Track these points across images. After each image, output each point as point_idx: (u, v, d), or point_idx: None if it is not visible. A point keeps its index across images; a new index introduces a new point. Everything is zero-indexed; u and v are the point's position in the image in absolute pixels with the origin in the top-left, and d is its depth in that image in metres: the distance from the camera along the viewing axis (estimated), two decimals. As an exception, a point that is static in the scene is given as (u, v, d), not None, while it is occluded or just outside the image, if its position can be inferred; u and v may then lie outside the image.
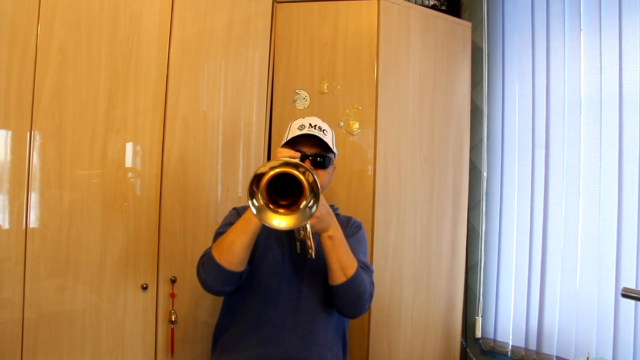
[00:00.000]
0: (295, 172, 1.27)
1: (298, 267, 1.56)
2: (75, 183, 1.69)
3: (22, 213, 1.61)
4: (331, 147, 1.57)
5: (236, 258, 1.42)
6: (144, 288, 1.81)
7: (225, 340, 1.58)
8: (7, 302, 1.59)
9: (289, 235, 1.59)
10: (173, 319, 1.86)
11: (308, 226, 1.38)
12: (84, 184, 1.71)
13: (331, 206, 1.67)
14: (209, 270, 1.46)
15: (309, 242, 1.40)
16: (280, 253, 1.57)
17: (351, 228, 1.65)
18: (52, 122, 1.65)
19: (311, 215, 1.28)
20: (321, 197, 1.35)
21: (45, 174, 1.65)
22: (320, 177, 1.51)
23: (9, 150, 1.59)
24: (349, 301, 1.48)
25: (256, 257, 1.56)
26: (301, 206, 1.28)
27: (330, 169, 1.61)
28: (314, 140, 1.54)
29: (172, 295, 1.86)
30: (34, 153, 1.63)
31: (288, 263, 1.56)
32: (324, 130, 1.57)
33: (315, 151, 1.54)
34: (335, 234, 1.43)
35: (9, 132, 1.59)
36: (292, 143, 1.55)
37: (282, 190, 1.30)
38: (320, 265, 1.52)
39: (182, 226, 1.89)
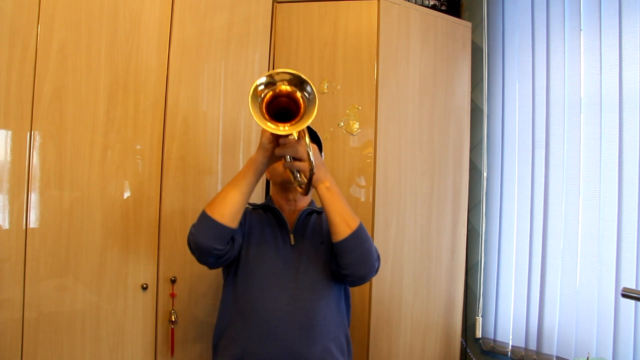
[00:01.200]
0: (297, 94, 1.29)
1: (293, 259, 1.55)
2: (75, 183, 1.70)
3: (22, 213, 1.61)
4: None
5: (228, 210, 1.39)
6: (144, 288, 1.81)
7: (225, 341, 1.55)
8: (7, 302, 1.59)
9: (283, 228, 1.58)
10: (173, 319, 1.86)
11: (311, 155, 1.33)
12: (84, 184, 1.71)
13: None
14: (199, 223, 1.42)
15: (299, 174, 1.38)
16: (274, 246, 1.56)
17: None
18: (52, 122, 1.65)
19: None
20: (315, 147, 1.37)
21: (45, 174, 1.65)
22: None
23: (9, 150, 1.59)
24: (359, 257, 1.42)
25: (250, 252, 1.55)
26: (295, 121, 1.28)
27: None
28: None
29: (172, 295, 1.86)
30: (34, 153, 1.63)
31: (282, 256, 1.55)
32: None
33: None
34: (332, 185, 1.43)
35: (9, 132, 1.59)
36: None
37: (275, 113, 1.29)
38: (316, 255, 1.52)
39: (182, 226, 1.89)
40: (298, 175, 1.45)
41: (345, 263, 1.44)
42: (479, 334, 2.49)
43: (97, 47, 1.72)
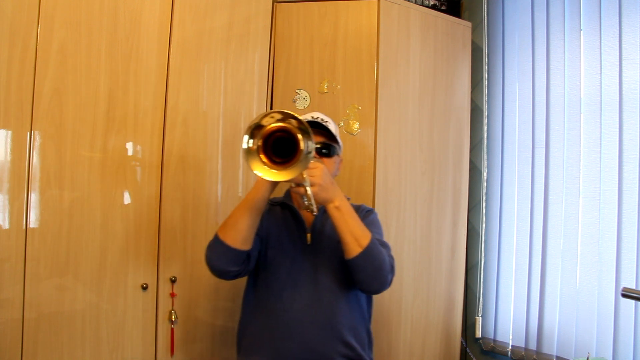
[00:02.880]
0: (293, 130, 1.26)
1: (311, 259, 1.55)
2: (75, 183, 1.69)
3: (22, 213, 1.61)
4: (335, 136, 1.57)
5: (240, 235, 1.42)
6: (144, 288, 1.81)
7: (248, 340, 1.57)
8: (7, 302, 1.59)
9: (300, 227, 1.58)
10: (173, 319, 1.86)
11: (308, 189, 1.34)
12: (84, 184, 1.71)
13: None
14: (213, 248, 1.46)
15: (310, 197, 1.36)
16: (292, 247, 1.56)
17: (361, 213, 1.61)
18: (52, 122, 1.65)
19: (308, 160, 1.26)
20: (324, 167, 1.37)
21: (45, 174, 1.65)
22: (327, 165, 1.52)
23: (9, 150, 1.59)
24: (370, 274, 1.43)
25: (268, 255, 1.56)
26: (291, 162, 1.27)
27: (335, 158, 1.61)
28: (317, 130, 1.53)
29: (172, 295, 1.86)
30: (34, 153, 1.63)
31: (300, 257, 1.55)
32: (326, 122, 1.58)
33: (319, 140, 1.55)
34: (342, 204, 1.41)
35: (9, 132, 1.59)
36: None
37: (278, 150, 1.30)
38: (334, 254, 1.52)
39: (182, 226, 1.89)
40: (305, 197, 1.43)
41: (357, 279, 1.46)
42: (479, 334, 2.49)
43: (97, 47, 1.72)
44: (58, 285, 1.67)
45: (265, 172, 1.30)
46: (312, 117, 1.57)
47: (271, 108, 2.14)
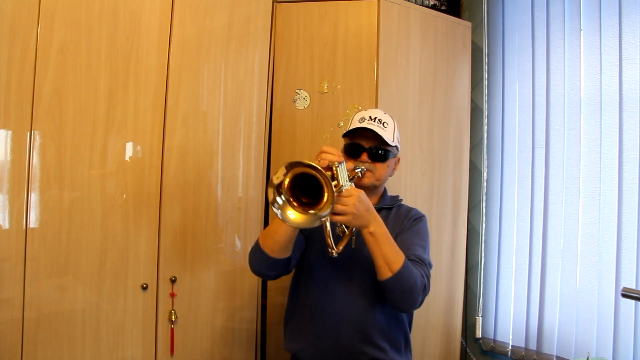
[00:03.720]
0: (318, 176, 1.23)
1: (351, 260, 1.56)
2: (75, 183, 1.69)
3: (22, 213, 1.61)
4: (389, 141, 1.56)
5: (277, 246, 1.44)
6: (144, 288, 1.81)
7: (291, 327, 1.64)
8: (7, 302, 1.58)
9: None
10: (173, 319, 1.86)
11: (328, 225, 1.36)
12: (84, 184, 1.71)
13: (395, 197, 1.69)
14: (253, 253, 1.52)
15: (328, 240, 1.38)
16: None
17: (409, 220, 1.62)
18: (52, 122, 1.65)
19: (321, 220, 1.25)
20: (360, 194, 1.35)
21: (45, 174, 1.65)
22: (379, 170, 1.57)
23: (9, 150, 1.59)
24: (399, 296, 1.45)
25: (312, 255, 1.60)
26: (311, 211, 1.25)
27: (391, 161, 1.62)
28: (373, 133, 1.54)
29: (172, 295, 1.86)
30: (34, 153, 1.62)
31: (342, 260, 1.52)
32: (384, 122, 1.57)
33: (373, 144, 1.55)
34: (376, 229, 1.40)
35: (9, 132, 1.59)
36: (352, 135, 1.58)
37: (307, 188, 1.28)
38: (372, 262, 1.52)
39: (182, 226, 1.89)
40: (338, 226, 1.47)
41: (388, 299, 1.49)
42: (479, 334, 2.49)
43: (97, 47, 1.72)
44: (58, 285, 1.67)
45: (298, 217, 1.27)
46: (370, 118, 1.56)
47: (271, 108, 2.14)
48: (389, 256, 1.42)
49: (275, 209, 1.27)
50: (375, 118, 1.56)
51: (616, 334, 1.94)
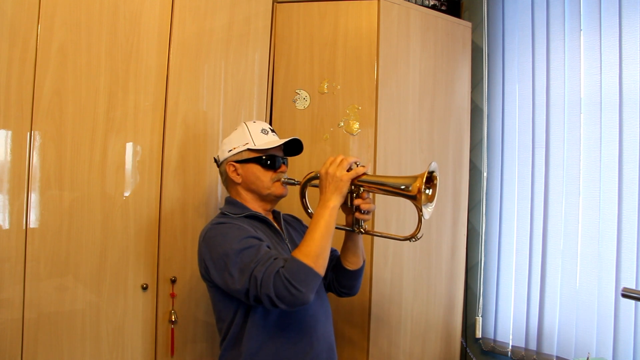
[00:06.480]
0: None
1: None
2: (75, 183, 1.70)
3: (22, 213, 1.61)
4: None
5: (326, 263, 1.37)
6: (144, 288, 1.81)
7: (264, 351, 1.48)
8: (7, 302, 1.59)
9: (279, 236, 1.59)
10: (173, 319, 1.86)
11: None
12: (84, 184, 1.71)
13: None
14: (308, 281, 1.31)
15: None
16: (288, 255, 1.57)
17: (300, 223, 1.75)
18: (52, 122, 1.65)
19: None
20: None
21: (45, 174, 1.65)
22: None
23: (9, 150, 1.59)
24: (360, 279, 1.66)
25: None
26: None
27: None
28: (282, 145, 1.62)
29: (172, 295, 1.87)
30: (34, 153, 1.63)
31: None
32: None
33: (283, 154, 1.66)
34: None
35: (9, 132, 1.59)
36: (272, 148, 1.59)
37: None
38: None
39: (182, 226, 1.89)
40: (359, 221, 1.54)
41: (350, 285, 1.65)
42: (479, 334, 2.49)
43: (97, 47, 1.72)
44: (58, 285, 1.67)
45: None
46: (271, 130, 1.66)
47: (271, 108, 2.15)
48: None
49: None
50: (272, 129, 1.67)
51: (616, 334, 1.94)
